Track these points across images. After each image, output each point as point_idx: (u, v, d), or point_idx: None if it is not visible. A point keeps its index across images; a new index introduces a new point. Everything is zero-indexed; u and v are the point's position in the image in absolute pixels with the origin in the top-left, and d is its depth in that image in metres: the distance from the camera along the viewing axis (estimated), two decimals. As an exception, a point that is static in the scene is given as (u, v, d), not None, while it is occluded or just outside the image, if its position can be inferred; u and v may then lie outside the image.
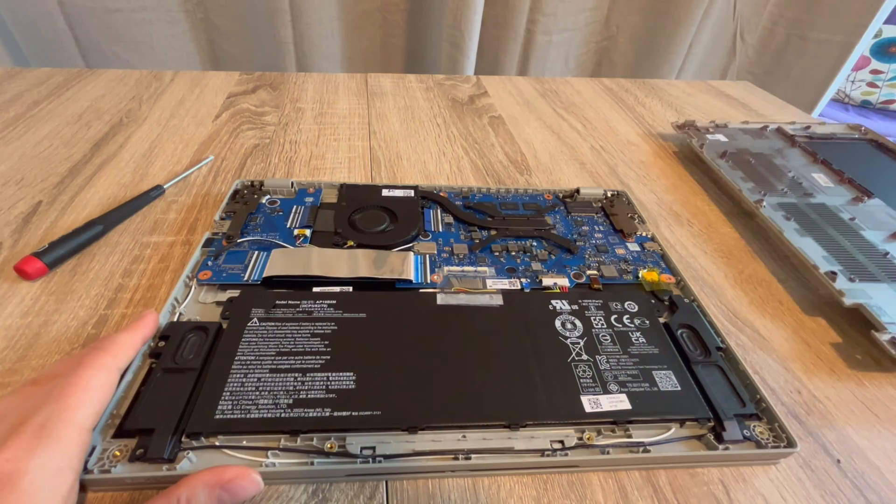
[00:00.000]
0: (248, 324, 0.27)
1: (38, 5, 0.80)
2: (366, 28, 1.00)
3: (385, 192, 0.40)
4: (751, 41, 1.13)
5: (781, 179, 0.46)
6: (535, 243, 0.37)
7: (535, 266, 0.34)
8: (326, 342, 0.27)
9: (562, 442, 0.24)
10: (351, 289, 0.31)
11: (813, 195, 0.44)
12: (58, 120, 0.50)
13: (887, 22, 1.07)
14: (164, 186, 0.41)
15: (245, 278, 0.31)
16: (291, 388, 0.24)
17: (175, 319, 0.28)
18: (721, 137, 0.54)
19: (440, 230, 0.37)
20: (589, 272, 0.34)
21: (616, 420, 0.24)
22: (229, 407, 0.23)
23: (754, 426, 0.25)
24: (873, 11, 0.95)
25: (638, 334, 0.29)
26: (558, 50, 1.08)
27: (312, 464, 0.22)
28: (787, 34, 1.08)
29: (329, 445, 0.22)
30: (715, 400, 0.25)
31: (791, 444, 0.24)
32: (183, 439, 0.22)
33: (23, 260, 0.31)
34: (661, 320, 0.31)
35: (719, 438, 0.24)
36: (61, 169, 0.43)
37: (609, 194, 0.43)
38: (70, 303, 0.30)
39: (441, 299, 0.30)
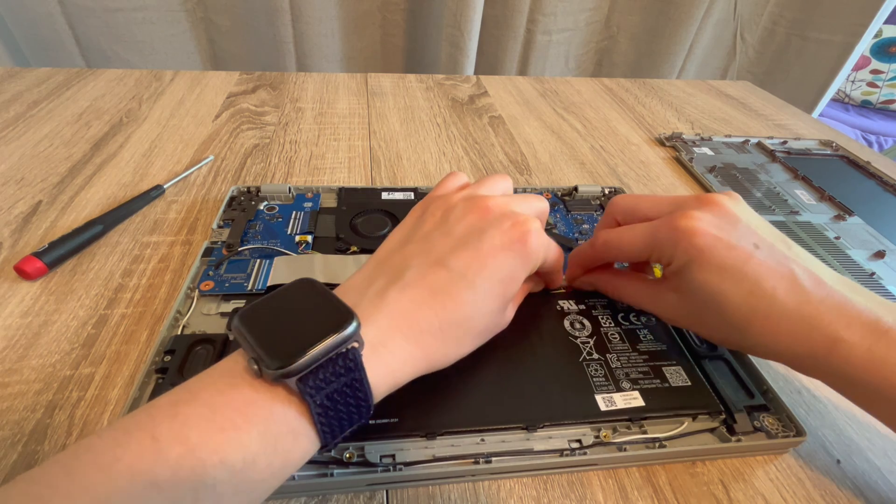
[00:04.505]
0: None
1: (38, 5, 0.80)
2: (366, 28, 1.00)
3: (385, 196, 0.40)
4: (751, 41, 1.13)
5: (769, 196, 0.47)
6: (535, 243, 0.37)
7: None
8: None
9: (579, 441, 0.24)
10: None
11: (799, 213, 0.45)
12: (58, 120, 0.50)
13: (887, 22, 1.07)
14: (164, 186, 0.41)
15: (249, 288, 0.30)
16: None
17: (179, 332, 0.28)
18: (707, 151, 0.55)
19: (440, 230, 0.37)
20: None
21: (631, 417, 0.25)
22: None
23: (763, 417, 0.26)
24: (873, 11, 0.95)
25: (645, 331, 0.29)
26: (558, 50, 1.09)
27: (332, 475, 0.22)
28: (787, 34, 1.08)
29: (348, 455, 0.22)
30: (724, 393, 0.26)
31: (800, 432, 0.25)
32: None
33: (23, 260, 0.31)
34: None
35: (731, 430, 0.25)
36: (61, 169, 0.43)
37: (606, 191, 0.43)
38: (70, 303, 0.30)
39: None
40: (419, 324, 0.21)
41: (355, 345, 0.18)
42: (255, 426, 0.16)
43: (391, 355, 0.20)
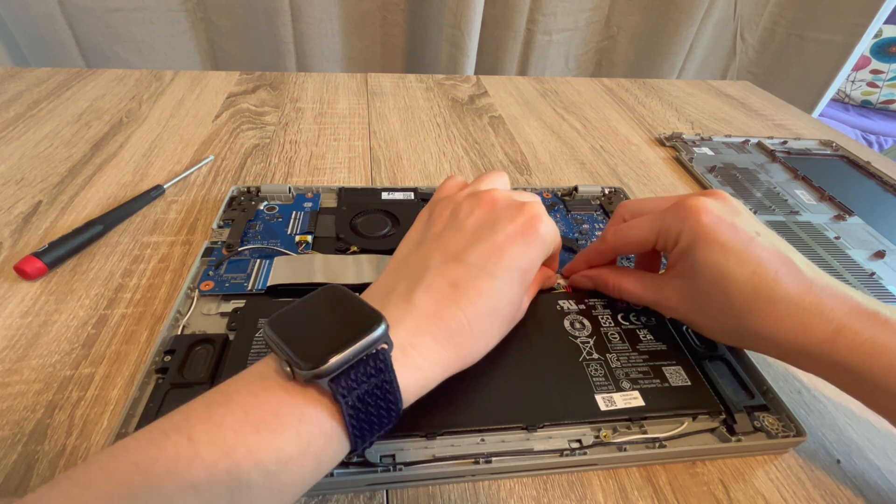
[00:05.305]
0: (257, 335, 0.27)
1: (38, 5, 0.80)
2: (366, 28, 1.00)
3: (385, 196, 0.40)
4: (751, 41, 1.13)
5: (768, 196, 0.47)
6: (535, 243, 0.37)
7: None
8: None
9: (579, 441, 0.24)
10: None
11: (799, 213, 0.45)
12: (58, 120, 0.50)
13: (887, 22, 1.07)
14: (164, 186, 0.41)
15: (248, 288, 0.30)
16: None
17: (179, 332, 0.28)
18: (707, 151, 0.55)
19: (440, 230, 0.37)
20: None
21: (631, 417, 0.25)
22: None
23: (763, 417, 0.26)
24: (873, 11, 0.95)
25: (645, 331, 0.29)
26: (558, 50, 1.08)
27: (332, 475, 0.22)
28: (787, 34, 1.08)
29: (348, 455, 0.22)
30: (724, 393, 0.26)
31: (800, 433, 0.25)
32: None
33: (23, 260, 0.31)
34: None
35: (731, 430, 0.25)
36: (61, 169, 0.43)
37: (606, 191, 0.43)
38: (70, 303, 0.30)
39: None
40: (447, 323, 0.21)
41: (384, 346, 0.18)
42: (288, 428, 0.16)
43: (421, 357, 0.20)
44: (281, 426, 0.16)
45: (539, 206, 0.25)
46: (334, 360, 0.17)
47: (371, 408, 0.18)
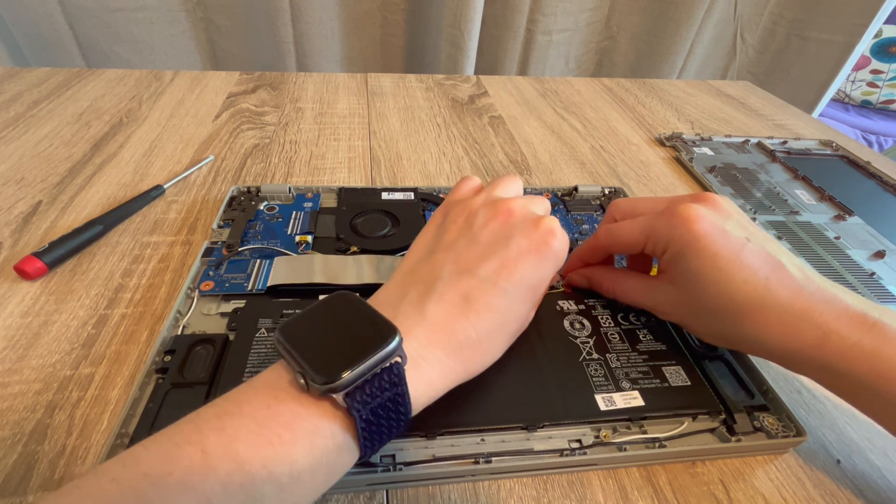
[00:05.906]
0: (257, 335, 0.27)
1: (38, 5, 0.80)
2: (366, 28, 1.00)
3: (385, 196, 0.40)
4: (751, 41, 1.13)
5: (768, 196, 0.47)
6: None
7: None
8: None
9: (579, 441, 0.24)
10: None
11: (799, 213, 0.45)
12: (58, 120, 0.50)
13: (887, 22, 1.07)
14: (164, 186, 0.41)
15: (249, 288, 0.30)
16: None
17: (179, 332, 0.28)
18: (707, 151, 0.55)
19: (440, 230, 0.37)
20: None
21: (631, 417, 0.25)
22: None
23: (763, 417, 0.26)
24: (873, 11, 0.95)
25: (645, 331, 0.29)
26: (558, 50, 1.09)
27: None
28: (788, 34, 1.08)
29: None
30: (724, 393, 0.26)
31: (800, 432, 0.25)
32: None
33: (23, 260, 0.31)
34: None
35: (731, 430, 0.25)
36: (61, 169, 0.43)
37: (607, 191, 0.43)
38: (70, 303, 0.30)
39: None
40: (457, 336, 0.21)
41: (398, 359, 0.18)
42: (301, 441, 0.16)
43: (431, 369, 0.20)
44: (295, 439, 0.16)
45: (553, 222, 0.24)
46: (350, 374, 0.17)
47: (383, 420, 0.18)
